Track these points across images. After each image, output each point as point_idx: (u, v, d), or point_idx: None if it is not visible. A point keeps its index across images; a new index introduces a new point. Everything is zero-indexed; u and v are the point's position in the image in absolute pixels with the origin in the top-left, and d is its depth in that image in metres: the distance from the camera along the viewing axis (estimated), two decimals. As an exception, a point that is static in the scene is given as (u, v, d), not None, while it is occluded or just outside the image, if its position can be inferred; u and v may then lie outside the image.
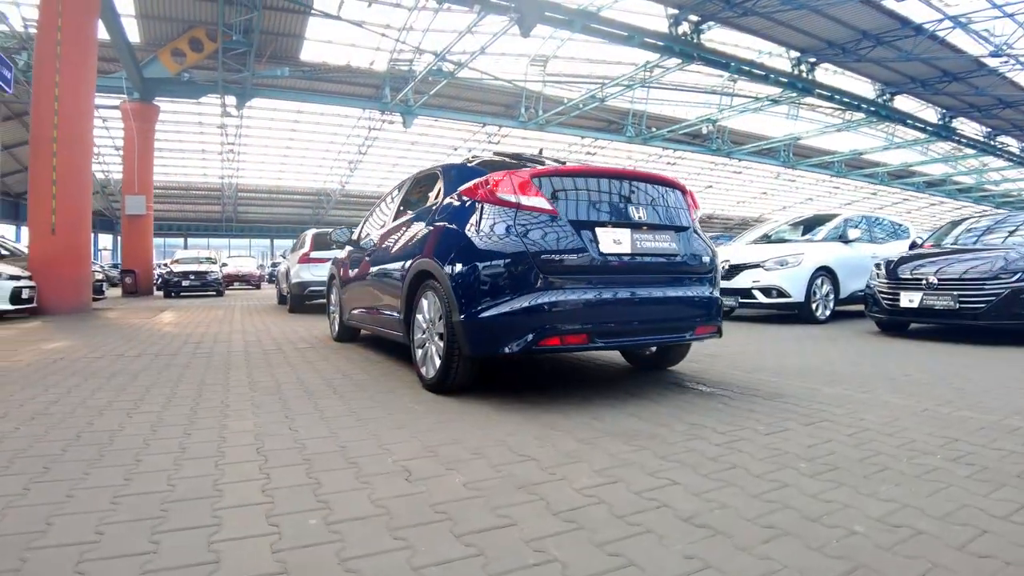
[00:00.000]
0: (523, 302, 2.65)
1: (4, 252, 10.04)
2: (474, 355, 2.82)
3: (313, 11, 15.52)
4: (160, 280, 19.61)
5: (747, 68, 15.60)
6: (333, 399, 3.03)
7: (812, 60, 16.97)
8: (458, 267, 2.84)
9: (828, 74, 18.72)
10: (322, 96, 20.72)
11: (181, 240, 40.24)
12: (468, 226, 2.89)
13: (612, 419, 2.57)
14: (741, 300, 7.34)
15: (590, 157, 29.79)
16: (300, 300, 9.46)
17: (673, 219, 3.19)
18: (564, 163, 3.33)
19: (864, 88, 19.98)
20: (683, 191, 3.37)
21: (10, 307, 7.90)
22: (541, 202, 2.82)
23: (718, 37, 15.51)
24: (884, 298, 5.78)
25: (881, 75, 18.82)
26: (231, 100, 19.64)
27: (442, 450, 2.14)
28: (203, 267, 17.87)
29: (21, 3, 14.61)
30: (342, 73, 19.28)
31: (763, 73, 15.92)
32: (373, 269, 4.28)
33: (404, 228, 3.85)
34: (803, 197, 41.12)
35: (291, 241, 9.95)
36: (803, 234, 8.18)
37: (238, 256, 30.41)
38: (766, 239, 8.38)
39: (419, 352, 3.33)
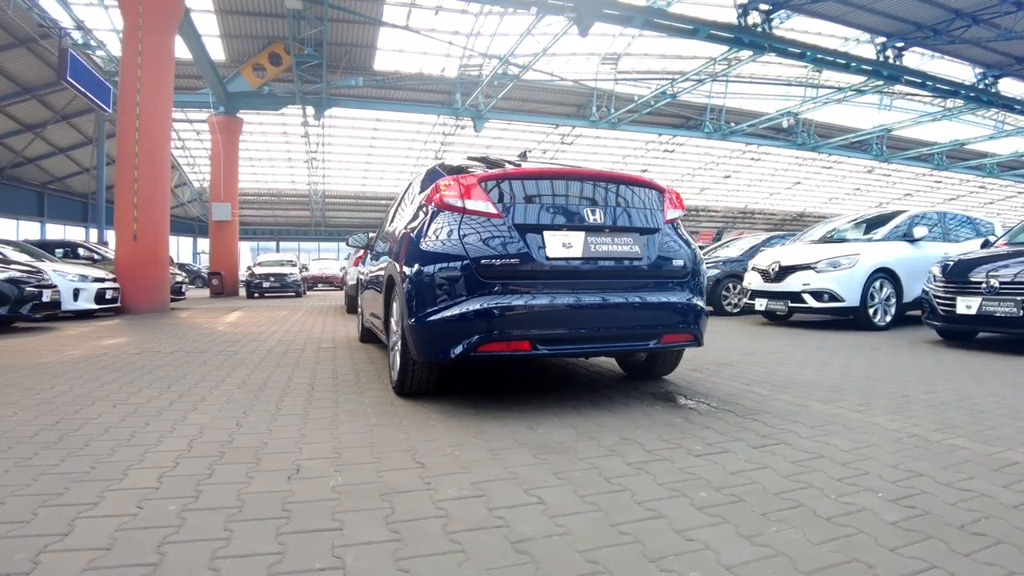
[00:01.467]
0: (461, 308, 2.68)
1: (96, 257, 11.33)
2: (421, 359, 2.88)
3: (383, 22, 16.28)
4: (244, 282, 21.25)
5: (825, 57, 14.58)
6: (300, 398, 3.21)
7: (899, 45, 15.61)
8: (409, 271, 2.92)
9: (921, 59, 17.18)
10: (396, 104, 21.65)
11: (273, 244, 43.29)
12: (420, 231, 2.97)
13: (546, 429, 2.55)
14: (791, 304, 6.92)
15: (668, 155, 29.09)
16: (352, 301, 9.94)
17: (637, 221, 3.08)
18: (519, 165, 3.30)
19: (963, 72, 18.14)
20: (660, 191, 3.26)
21: (95, 306, 8.91)
22: (486, 206, 2.84)
23: (800, 25, 14.65)
24: (939, 303, 5.24)
25: (981, 57, 17.00)
26: (310, 111, 20.97)
27: (347, 452, 2.23)
28: (283, 269, 19.20)
29: (120, 31, 16.45)
30: (414, 80, 20.05)
31: (844, 61, 14.80)
32: (371, 273, 4.47)
33: (391, 232, 4.00)
34: (900, 192, 37.91)
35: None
36: (866, 232, 7.56)
37: (324, 259, 32.42)
38: (828, 238, 7.83)
39: (391, 355, 3.45)
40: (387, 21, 16.47)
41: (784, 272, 7.00)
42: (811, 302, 6.72)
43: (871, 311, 6.59)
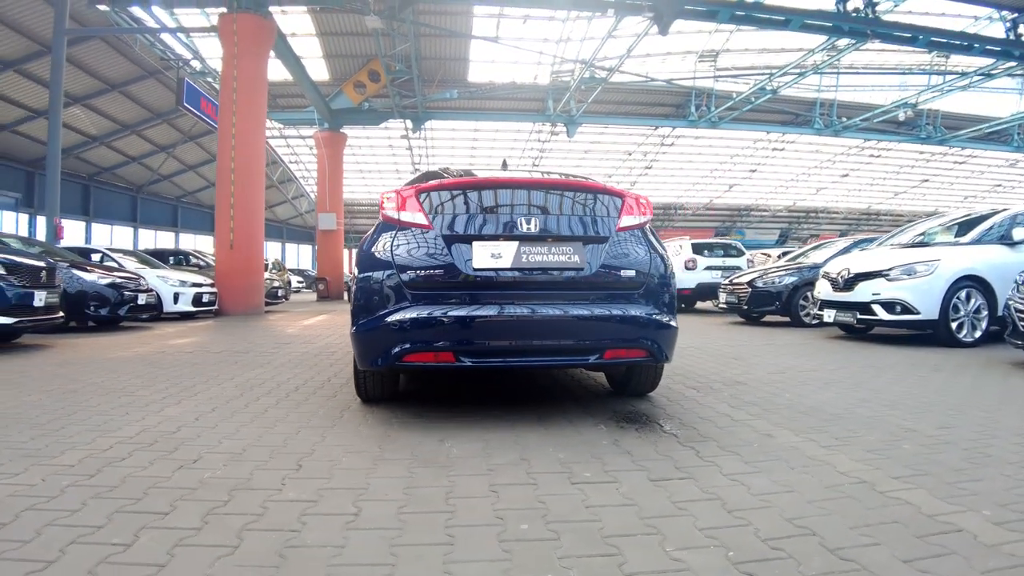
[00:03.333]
0: (387, 318, 2.81)
1: (202, 264, 12.87)
2: (360, 367, 3.07)
3: (472, 35, 16.97)
4: (347, 285, 23.00)
5: (940, 39, 12.98)
6: (272, 399, 3.52)
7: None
8: (353, 283, 3.14)
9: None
10: (490, 113, 22.41)
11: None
12: (365, 243, 3.16)
13: (456, 443, 2.60)
14: (860, 317, 6.29)
15: (778, 154, 27.40)
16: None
17: (581, 229, 3.01)
18: (462, 175, 3.35)
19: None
20: (618, 196, 3.15)
21: (193, 309, 10.15)
22: (419, 217, 2.95)
23: (919, 6, 13.23)
24: (1021, 319, 4.55)
25: None
26: (409, 124, 22.25)
27: (252, 450, 2.46)
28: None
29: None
30: (507, 90, 20.64)
31: (965, 43, 13.09)
32: None
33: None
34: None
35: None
36: (958, 235, 6.66)
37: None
38: (917, 242, 6.96)
39: None
40: (476, 34, 17.17)
41: (854, 280, 6.38)
42: (881, 314, 6.07)
43: (954, 325, 5.84)
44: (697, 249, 12.62)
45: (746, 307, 9.18)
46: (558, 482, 2.14)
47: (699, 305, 13.31)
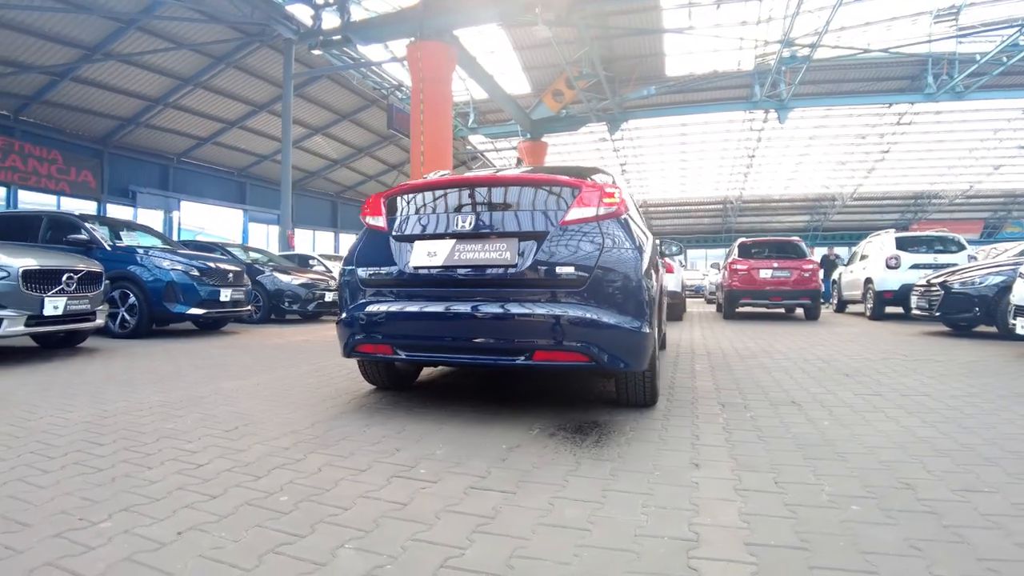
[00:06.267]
0: (350, 312, 3.19)
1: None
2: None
3: (663, 30, 16.51)
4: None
5: None
6: (295, 386, 4.13)
7: None
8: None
9: None
10: (691, 107, 21.44)
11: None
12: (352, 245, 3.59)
13: (419, 438, 2.83)
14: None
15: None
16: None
17: (516, 225, 2.95)
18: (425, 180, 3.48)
19: None
20: (575, 188, 3.00)
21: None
22: (379, 220, 3.27)
23: None
24: None
25: None
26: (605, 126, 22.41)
27: (245, 427, 3.02)
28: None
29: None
30: (708, 80, 19.55)
31: None
32: None
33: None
34: None
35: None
36: None
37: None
38: None
39: None
40: (668, 27, 16.64)
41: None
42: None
43: None
44: (902, 244, 10.47)
45: (938, 313, 7.40)
46: (452, 487, 2.08)
47: (896, 310, 10.98)
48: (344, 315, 3.25)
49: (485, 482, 2.12)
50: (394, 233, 3.19)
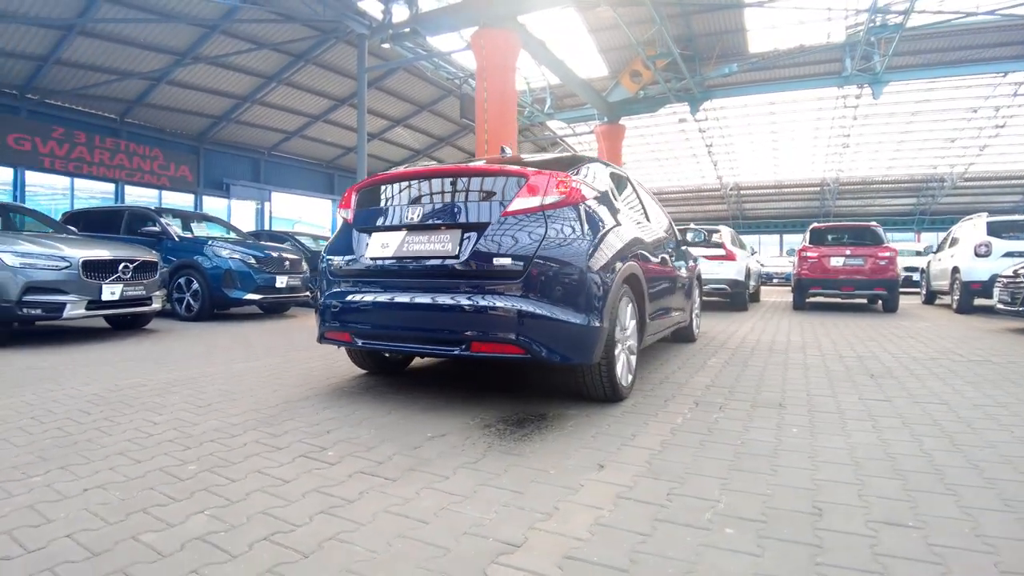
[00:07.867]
0: (322, 300, 3.45)
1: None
2: None
3: (744, 4, 15.69)
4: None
5: None
6: (300, 369, 4.47)
7: None
8: None
9: None
10: (776, 84, 20.21)
11: (691, 241, 45.03)
12: None
13: (368, 418, 3.08)
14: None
15: None
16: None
17: (459, 216, 3.05)
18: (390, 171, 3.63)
19: None
20: (521, 177, 3.04)
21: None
22: (348, 213, 3.50)
23: None
24: None
25: None
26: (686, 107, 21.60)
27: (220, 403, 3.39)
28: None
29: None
30: (794, 55, 18.35)
31: None
32: None
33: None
34: None
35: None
36: None
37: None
38: None
39: None
40: (748, 1, 15.78)
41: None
42: None
43: None
44: (995, 229, 9.36)
45: (1022, 307, 6.64)
46: (370, 481, 2.28)
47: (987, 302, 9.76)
48: (319, 303, 3.52)
49: (378, 468, 2.24)
50: (356, 225, 3.42)
